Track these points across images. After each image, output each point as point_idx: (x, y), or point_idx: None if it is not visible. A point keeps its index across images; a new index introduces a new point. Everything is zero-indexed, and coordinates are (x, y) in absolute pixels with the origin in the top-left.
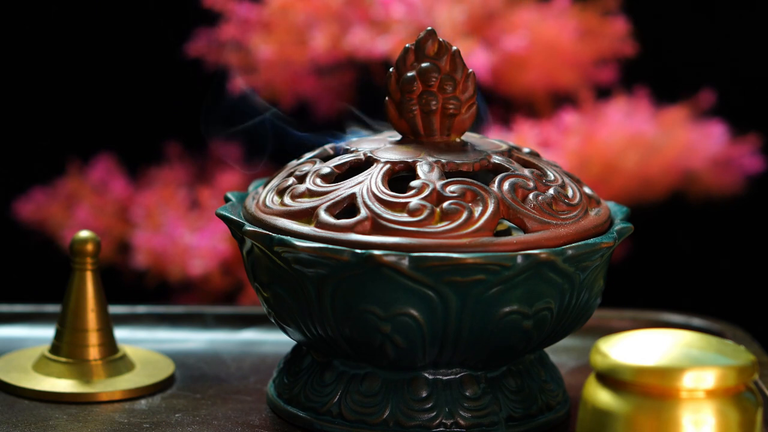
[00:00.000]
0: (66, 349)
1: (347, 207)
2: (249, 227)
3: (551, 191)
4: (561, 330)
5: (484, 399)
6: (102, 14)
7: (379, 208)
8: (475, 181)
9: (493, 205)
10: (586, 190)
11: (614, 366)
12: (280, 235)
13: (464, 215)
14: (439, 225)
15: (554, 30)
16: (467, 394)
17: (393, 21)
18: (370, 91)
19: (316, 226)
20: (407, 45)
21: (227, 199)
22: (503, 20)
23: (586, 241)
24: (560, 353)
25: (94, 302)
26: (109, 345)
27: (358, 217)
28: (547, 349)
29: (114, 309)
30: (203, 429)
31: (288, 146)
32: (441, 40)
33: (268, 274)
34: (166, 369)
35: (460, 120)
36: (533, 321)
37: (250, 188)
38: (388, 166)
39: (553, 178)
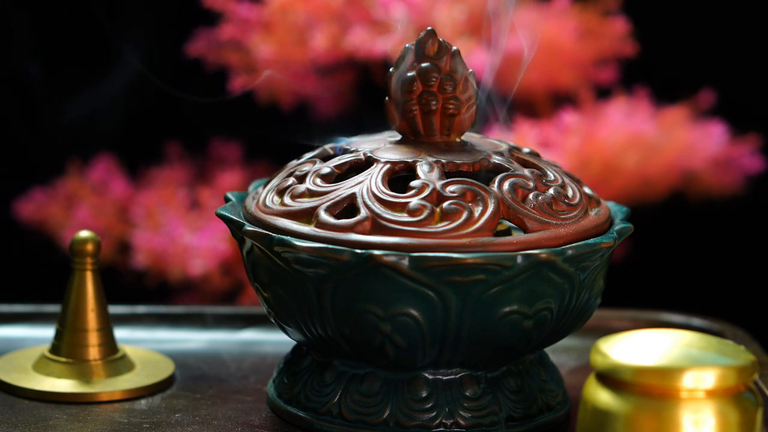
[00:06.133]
0: (66, 349)
1: (347, 207)
2: (249, 227)
3: (551, 191)
4: (561, 330)
5: (484, 399)
6: (101, 13)
7: (379, 208)
8: (475, 181)
9: (493, 205)
10: (586, 190)
11: (614, 366)
12: (280, 235)
13: (464, 215)
14: (439, 225)
15: (554, 30)
16: (467, 394)
17: (393, 21)
18: (370, 91)
19: (316, 226)
20: (407, 45)
21: (227, 199)
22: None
23: (586, 241)
24: (560, 353)
25: (94, 302)
26: (109, 345)
27: (358, 217)
28: (547, 349)
29: (114, 309)
30: (203, 429)
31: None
32: (441, 40)
33: (268, 274)
34: (166, 369)
35: (460, 120)
36: (533, 321)
37: (250, 188)
38: (388, 166)
39: (553, 178)
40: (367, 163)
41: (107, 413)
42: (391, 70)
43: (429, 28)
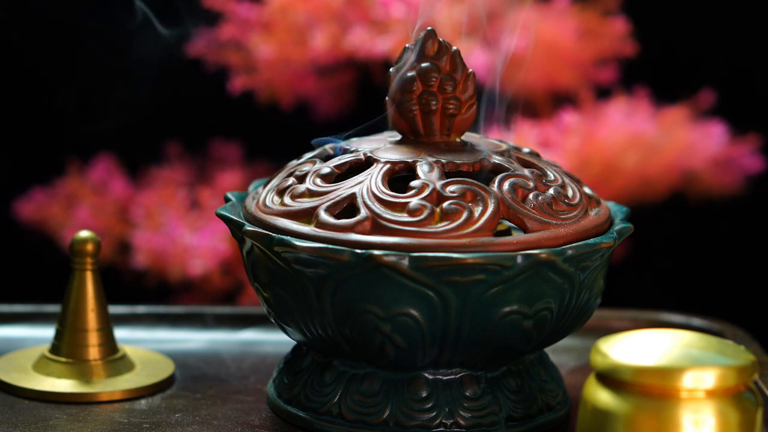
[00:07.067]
0: (66, 349)
1: (347, 207)
2: (249, 227)
3: (551, 191)
4: (561, 330)
5: (484, 399)
6: (101, 13)
7: (379, 208)
8: (475, 181)
9: (493, 205)
10: (586, 190)
11: (614, 366)
12: (280, 235)
13: (464, 215)
14: (439, 225)
15: (554, 30)
16: (467, 394)
17: (393, 21)
18: (370, 91)
19: (316, 226)
20: (407, 45)
21: (227, 199)
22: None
23: (586, 241)
24: (560, 353)
25: (94, 302)
26: (109, 345)
27: (358, 217)
28: (547, 349)
29: (114, 309)
30: (203, 429)
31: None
32: (441, 40)
33: (268, 274)
34: (166, 369)
35: (460, 120)
36: (533, 321)
37: (250, 188)
38: (388, 166)
39: (553, 178)
40: (367, 163)
41: (107, 413)
42: (391, 69)
43: (429, 28)
